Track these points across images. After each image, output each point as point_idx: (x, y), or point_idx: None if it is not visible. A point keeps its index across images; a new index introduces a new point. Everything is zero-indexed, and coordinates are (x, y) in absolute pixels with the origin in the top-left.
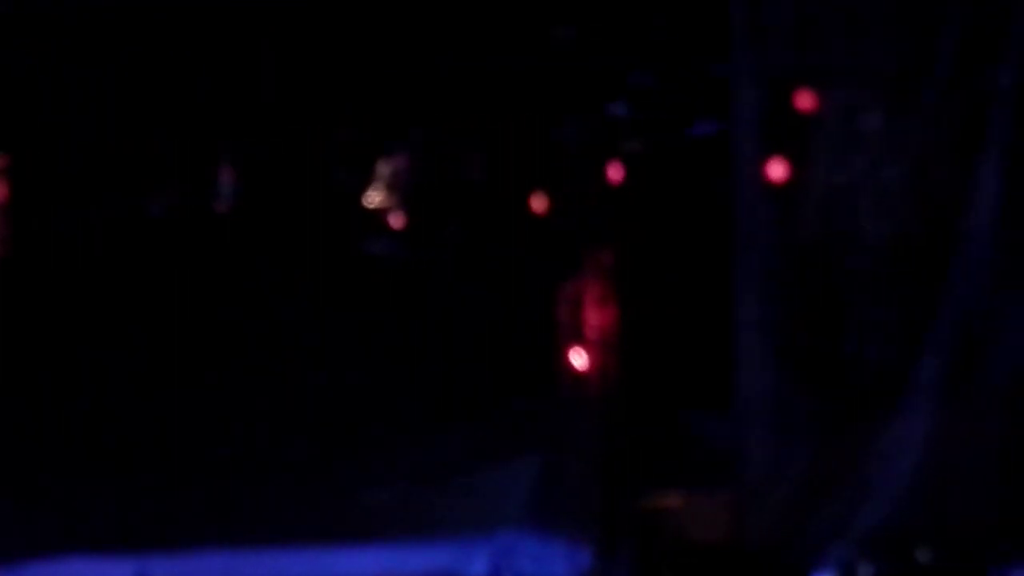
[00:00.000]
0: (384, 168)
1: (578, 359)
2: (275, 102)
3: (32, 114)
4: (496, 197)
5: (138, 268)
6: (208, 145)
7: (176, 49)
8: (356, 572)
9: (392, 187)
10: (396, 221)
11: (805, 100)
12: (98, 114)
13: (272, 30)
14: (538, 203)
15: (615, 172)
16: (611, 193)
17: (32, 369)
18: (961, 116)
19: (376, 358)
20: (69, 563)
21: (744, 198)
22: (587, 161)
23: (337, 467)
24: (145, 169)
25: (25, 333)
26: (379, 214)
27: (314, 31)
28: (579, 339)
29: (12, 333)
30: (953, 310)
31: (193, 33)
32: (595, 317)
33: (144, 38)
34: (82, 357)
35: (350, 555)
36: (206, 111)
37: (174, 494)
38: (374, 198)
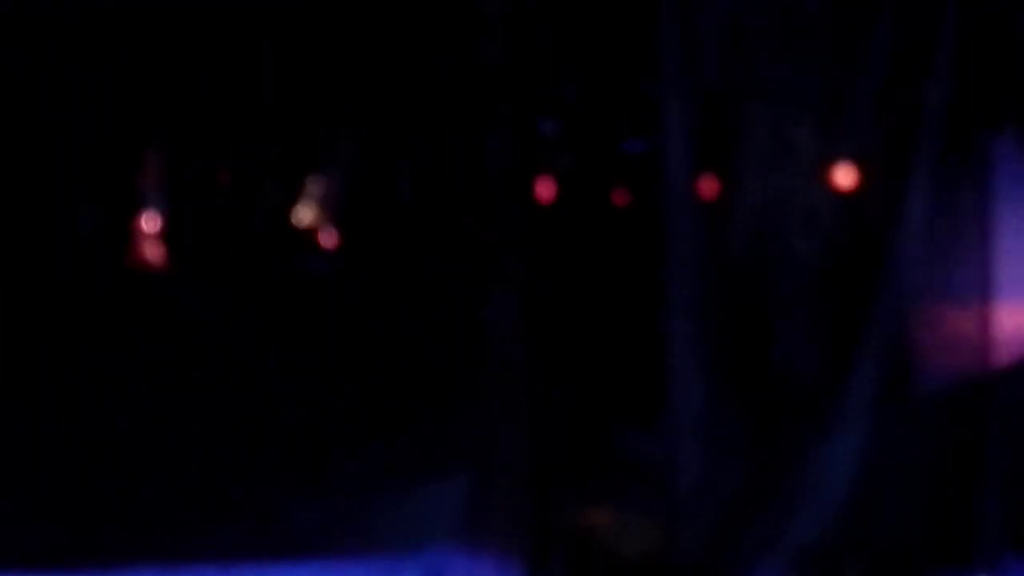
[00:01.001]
0: (314, 185)
1: (511, 375)
2: (203, 116)
3: None
4: (426, 214)
5: (63, 283)
6: (136, 159)
7: (98, 57)
8: None
9: (323, 204)
10: (327, 239)
11: (735, 116)
12: (23, 123)
13: (198, 39)
14: (468, 220)
15: (544, 189)
16: (541, 210)
17: None
18: (891, 131)
19: (306, 375)
20: None
21: (674, 214)
22: (516, 178)
23: (267, 484)
24: (72, 183)
25: None
26: (309, 232)
27: (241, 42)
28: (512, 354)
29: None
30: (883, 326)
31: (115, 41)
32: (526, 332)
33: (60, 45)
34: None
35: (281, 572)
36: (133, 124)
37: (102, 512)
38: (304, 215)
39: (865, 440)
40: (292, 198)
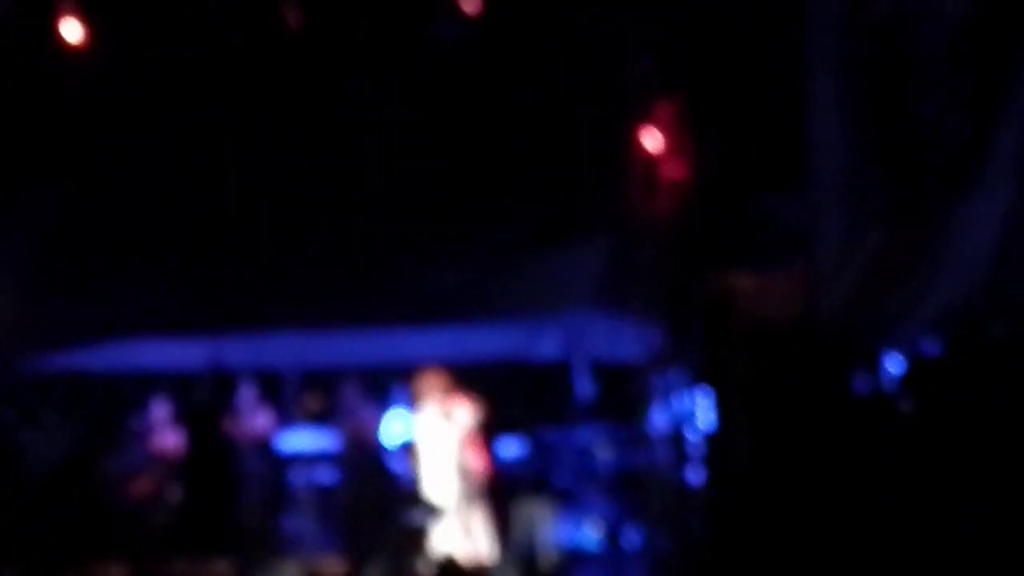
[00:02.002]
0: None
1: (651, 140)
2: None
3: None
4: None
5: (216, 48)
6: None
7: None
8: (427, 353)
9: None
10: (468, 4)
11: None
12: None
13: None
14: None
15: None
16: None
17: (112, 155)
18: None
19: (446, 141)
20: (146, 344)
21: None
22: None
23: (408, 250)
24: None
25: (102, 122)
26: None
27: None
28: (651, 119)
29: (91, 123)
30: None
31: None
32: (667, 97)
33: None
34: (162, 141)
35: (421, 336)
36: None
37: (249, 277)
38: None
39: (1011, 200)
40: None
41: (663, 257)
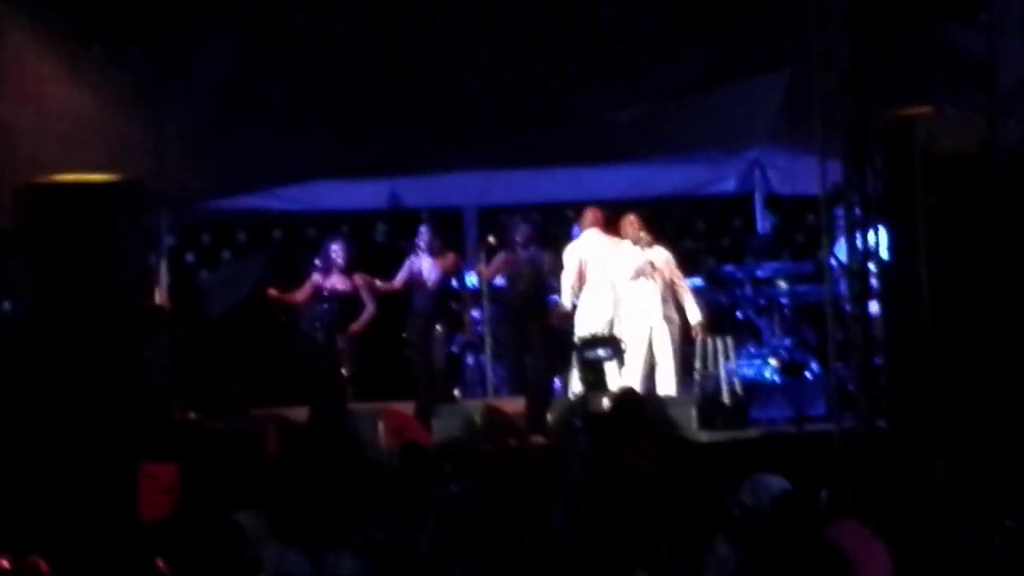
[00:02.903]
0: None
1: None
2: None
3: None
4: None
5: None
6: None
7: None
8: (605, 191)
9: None
10: None
11: None
12: None
13: None
14: None
15: None
16: None
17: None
18: None
19: None
20: (325, 187)
21: None
22: None
23: (583, 88)
24: None
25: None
26: None
27: None
28: None
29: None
30: None
31: None
32: None
33: None
34: None
35: (599, 174)
36: None
37: (427, 117)
38: None
39: None
40: None
41: (842, 90)
